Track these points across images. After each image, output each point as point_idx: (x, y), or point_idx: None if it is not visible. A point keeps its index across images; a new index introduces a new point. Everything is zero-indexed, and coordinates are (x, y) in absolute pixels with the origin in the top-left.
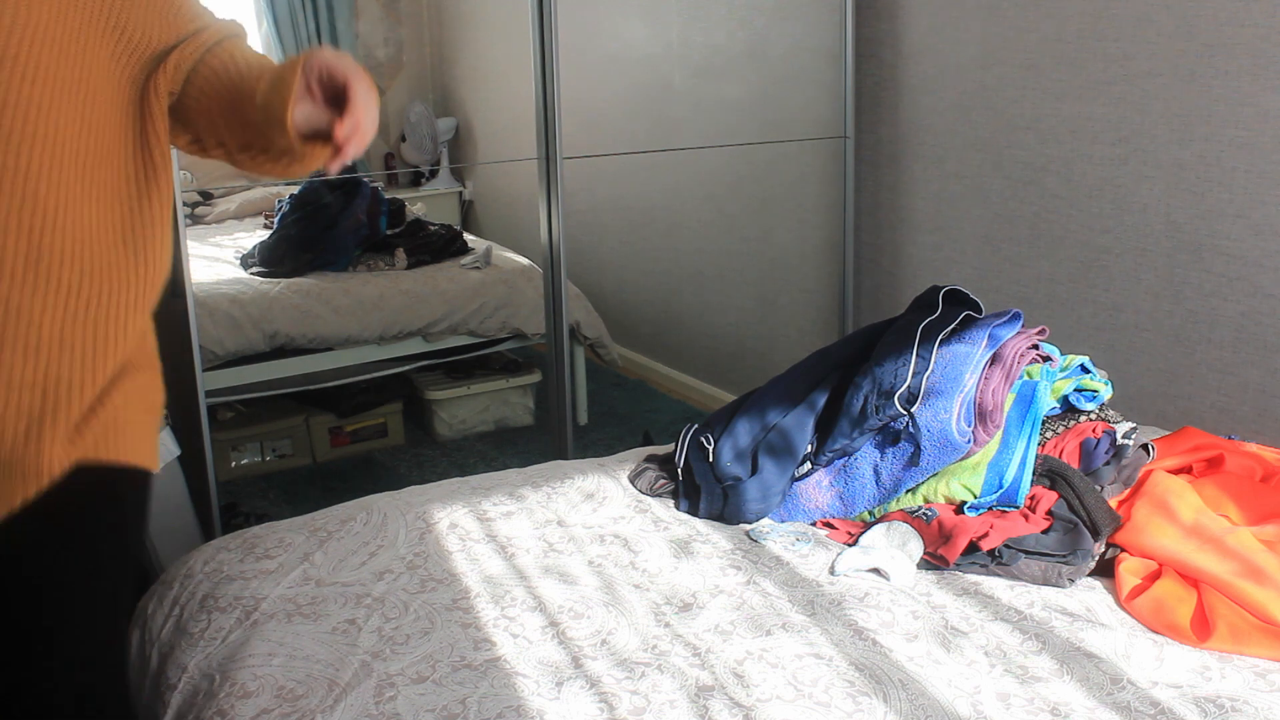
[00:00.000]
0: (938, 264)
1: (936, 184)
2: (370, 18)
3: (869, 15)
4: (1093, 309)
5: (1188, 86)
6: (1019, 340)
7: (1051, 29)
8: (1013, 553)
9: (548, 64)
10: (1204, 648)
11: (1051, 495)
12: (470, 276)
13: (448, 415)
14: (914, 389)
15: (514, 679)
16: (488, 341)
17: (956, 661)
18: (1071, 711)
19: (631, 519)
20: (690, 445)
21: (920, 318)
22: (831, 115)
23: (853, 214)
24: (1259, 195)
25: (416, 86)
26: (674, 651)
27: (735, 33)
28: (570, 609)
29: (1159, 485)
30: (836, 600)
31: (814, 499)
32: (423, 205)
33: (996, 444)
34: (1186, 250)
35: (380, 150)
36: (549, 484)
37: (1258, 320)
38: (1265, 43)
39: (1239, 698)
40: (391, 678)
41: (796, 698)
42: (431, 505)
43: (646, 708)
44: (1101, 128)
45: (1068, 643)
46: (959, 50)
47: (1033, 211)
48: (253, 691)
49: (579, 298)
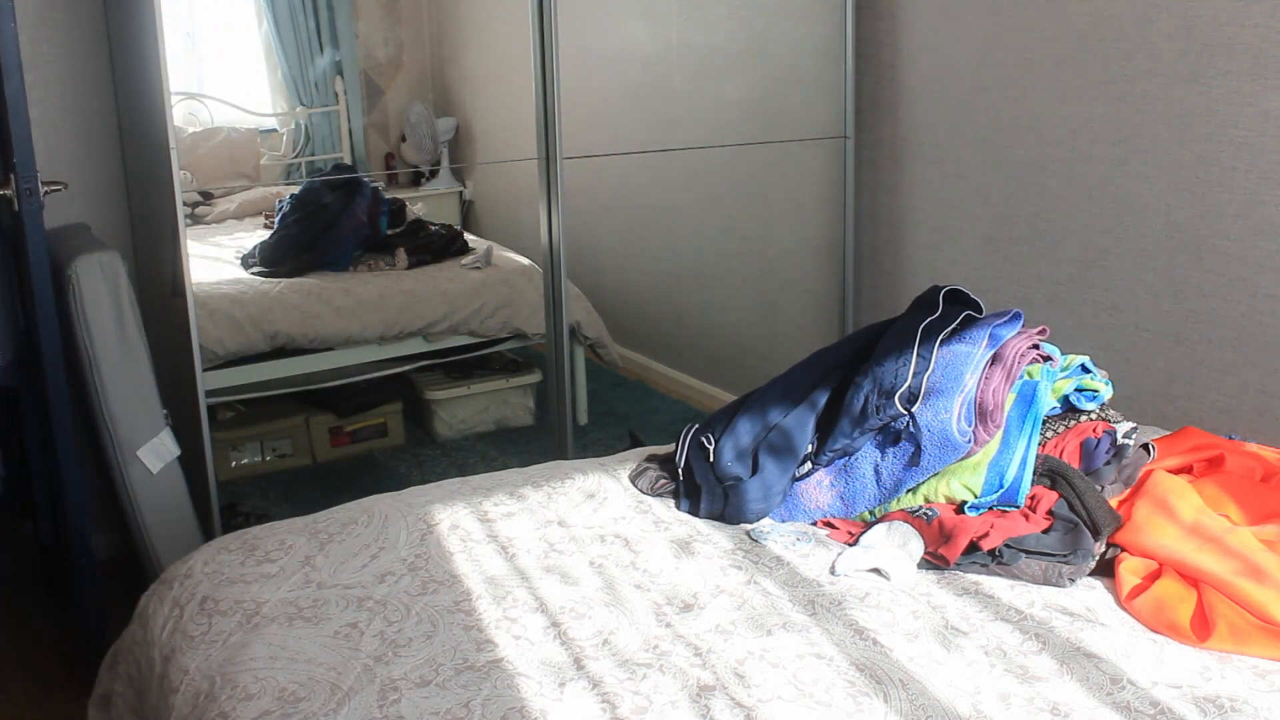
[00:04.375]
0: (938, 264)
1: (936, 184)
2: (370, 18)
3: (869, 15)
4: (1093, 309)
5: (1188, 86)
6: (1019, 340)
7: (1051, 29)
8: (1013, 552)
9: (548, 64)
10: (1204, 648)
11: (1052, 495)
12: (471, 276)
13: (448, 415)
14: (914, 389)
15: (517, 680)
16: (488, 341)
17: (957, 661)
18: (1071, 711)
19: (632, 519)
20: (691, 445)
21: (920, 318)
22: (831, 115)
23: (853, 214)
24: (1259, 195)
25: (416, 86)
26: (675, 651)
27: (735, 33)
28: (572, 609)
29: (1159, 485)
30: (837, 600)
31: (814, 499)
32: (423, 205)
33: (997, 444)
34: (1186, 250)
35: (380, 150)
36: (550, 484)
37: (1258, 320)
38: (1265, 43)
39: (1239, 698)
40: (395, 681)
41: (797, 697)
42: (432, 506)
43: (648, 708)
44: (1101, 128)
45: (1068, 642)
46: (959, 50)
47: (1033, 211)
48: (254, 694)
49: (579, 298)
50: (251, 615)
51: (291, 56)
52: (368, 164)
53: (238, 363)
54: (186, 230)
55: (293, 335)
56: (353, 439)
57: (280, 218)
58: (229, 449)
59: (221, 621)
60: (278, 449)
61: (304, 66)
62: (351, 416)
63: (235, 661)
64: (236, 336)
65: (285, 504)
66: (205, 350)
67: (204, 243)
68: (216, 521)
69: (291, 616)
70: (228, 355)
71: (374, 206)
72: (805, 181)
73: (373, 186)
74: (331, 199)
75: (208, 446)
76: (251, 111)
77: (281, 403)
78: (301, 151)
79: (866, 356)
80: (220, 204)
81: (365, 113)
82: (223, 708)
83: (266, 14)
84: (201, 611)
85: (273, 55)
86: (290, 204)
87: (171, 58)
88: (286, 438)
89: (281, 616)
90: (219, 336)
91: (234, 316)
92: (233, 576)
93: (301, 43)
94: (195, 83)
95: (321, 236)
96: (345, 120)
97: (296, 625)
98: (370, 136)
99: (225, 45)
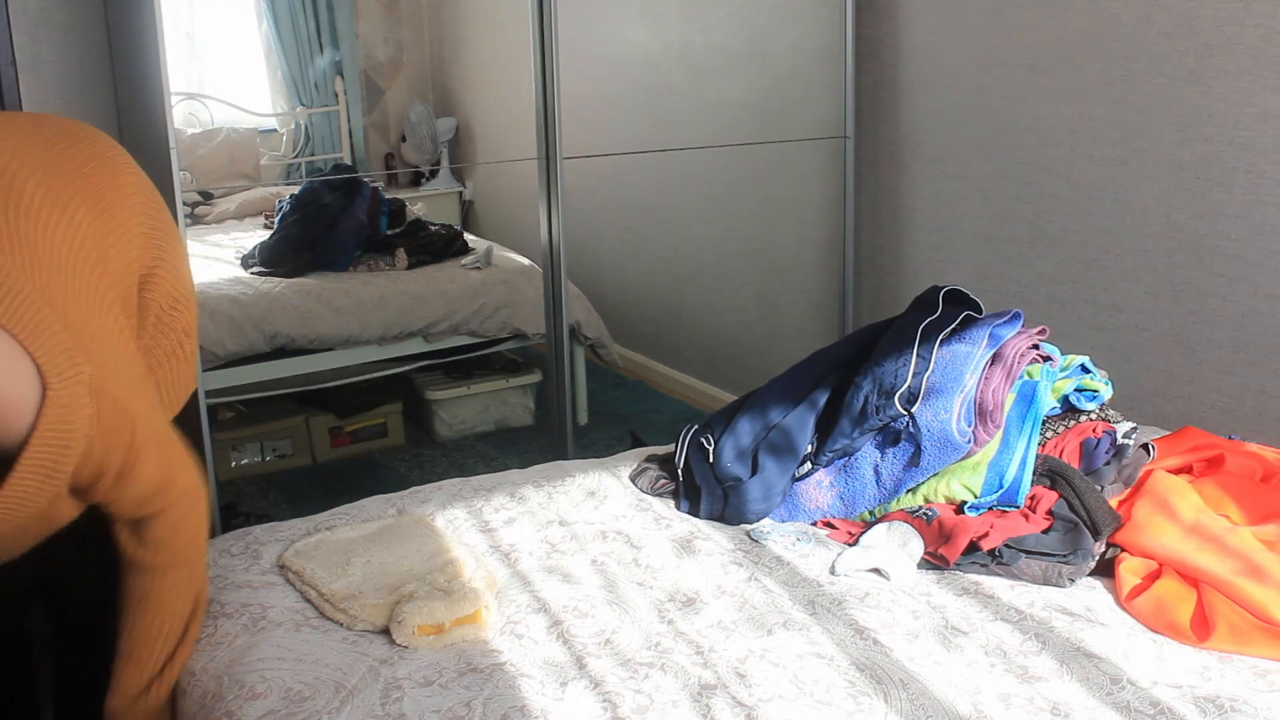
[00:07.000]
0: (938, 264)
1: (936, 184)
2: (370, 18)
3: (869, 15)
4: (1093, 309)
5: (1188, 86)
6: (1019, 340)
7: (1052, 29)
8: (1013, 552)
9: (548, 64)
10: (1204, 647)
11: (1052, 495)
12: (471, 276)
13: (448, 415)
14: (914, 389)
15: (519, 680)
16: (488, 341)
17: (957, 661)
18: (1071, 711)
19: (634, 516)
20: (690, 446)
21: (920, 317)
22: (831, 115)
23: (853, 214)
24: (1259, 195)
25: (416, 86)
26: (676, 650)
27: (735, 33)
28: (574, 608)
29: (1159, 485)
30: (837, 600)
31: (814, 499)
32: (423, 205)
33: (997, 444)
34: (1186, 250)
35: (380, 150)
36: (550, 484)
37: (1258, 320)
38: (1265, 43)
39: (1239, 698)
40: (398, 681)
41: (798, 696)
42: (434, 506)
43: (650, 706)
44: (1101, 128)
45: (1068, 642)
46: (959, 50)
47: (1033, 211)
48: (261, 693)
49: (579, 298)
50: (258, 619)
51: (291, 56)
52: (368, 164)
53: (238, 363)
54: (187, 230)
55: (293, 335)
56: (353, 439)
57: (280, 218)
58: (229, 449)
59: (228, 624)
60: (278, 449)
61: (304, 66)
62: (351, 416)
63: (242, 662)
64: (236, 337)
65: (285, 504)
66: (205, 350)
67: (204, 243)
68: (217, 522)
69: (299, 624)
70: (228, 355)
71: (374, 206)
72: (805, 181)
73: (373, 186)
74: (331, 199)
75: (208, 446)
76: (251, 111)
77: (281, 403)
78: (301, 151)
79: (866, 356)
80: (220, 204)
81: (365, 113)
82: (229, 706)
83: (266, 14)
84: (207, 615)
85: (273, 55)
86: (290, 204)
87: (171, 58)
88: (286, 438)
89: (289, 622)
90: (219, 337)
91: (234, 317)
92: (238, 581)
93: (301, 43)
94: (195, 83)
95: (321, 237)
96: (345, 120)
97: (304, 631)
98: (370, 136)
99: (225, 45)
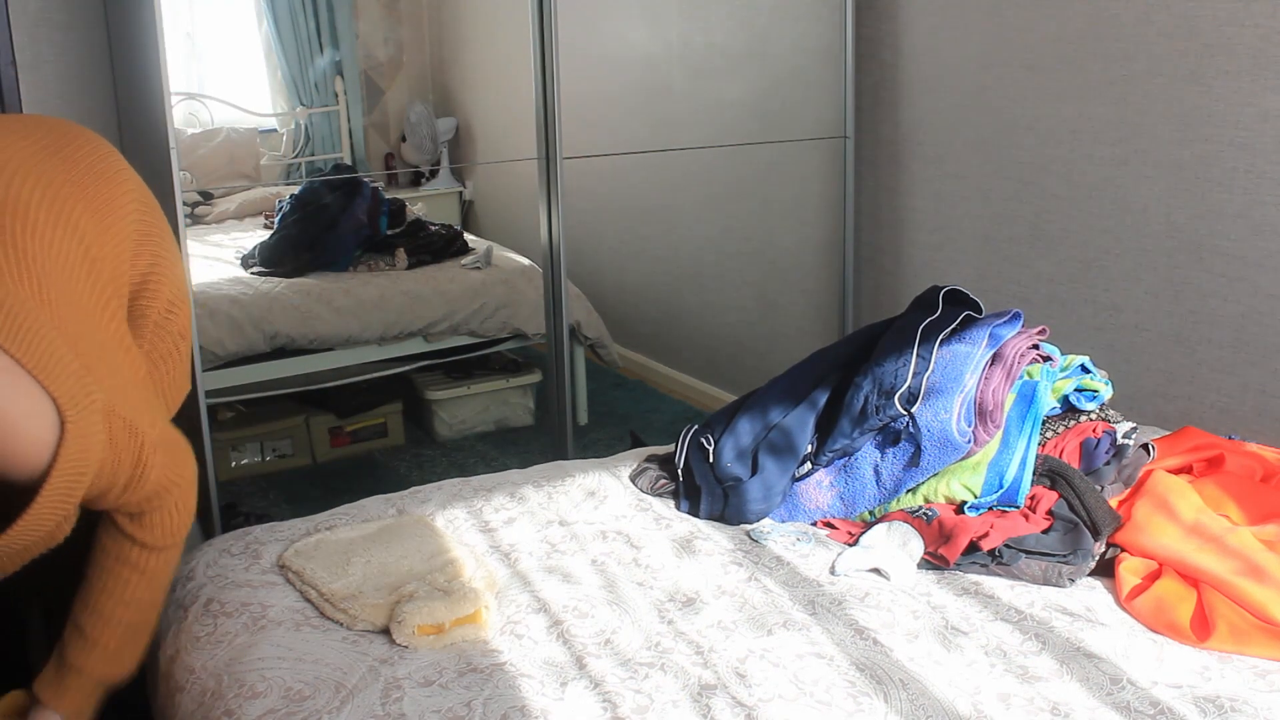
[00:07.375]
0: (938, 264)
1: (936, 184)
2: (370, 18)
3: (869, 15)
4: (1093, 309)
5: (1188, 86)
6: (1019, 340)
7: (1052, 29)
8: (1013, 552)
9: (548, 64)
10: (1204, 647)
11: (1052, 495)
12: (471, 276)
13: (448, 415)
14: (914, 389)
15: (519, 680)
16: (488, 341)
17: (957, 661)
18: (1071, 711)
19: (634, 516)
20: (690, 446)
21: (920, 318)
22: (831, 115)
23: (853, 214)
24: (1259, 195)
25: (416, 86)
26: (676, 649)
27: (735, 33)
28: (574, 608)
29: (1159, 485)
30: (837, 600)
31: (814, 499)
32: (423, 205)
33: (997, 444)
34: (1186, 250)
35: (380, 150)
36: (550, 484)
37: (1258, 320)
38: (1265, 43)
39: (1239, 698)
40: (398, 680)
41: (798, 696)
42: (434, 506)
43: (650, 706)
44: (1101, 128)
45: (1068, 642)
46: (959, 50)
47: (1033, 211)
48: (261, 692)
49: (579, 298)
50: (258, 618)
51: (291, 56)
52: (368, 164)
53: (238, 363)
54: (186, 230)
55: (293, 335)
56: (353, 439)
57: (280, 218)
58: (229, 449)
59: (228, 623)
60: (278, 449)
61: (304, 66)
62: (351, 416)
63: (242, 661)
64: (236, 337)
65: (285, 504)
66: (205, 350)
67: (204, 243)
68: (217, 522)
69: (299, 623)
70: (228, 355)
71: (374, 207)
72: (805, 181)
73: (373, 187)
74: (331, 199)
75: (208, 446)
76: (251, 111)
77: (281, 403)
78: (301, 152)
79: (866, 356)
80: (220, 204)
81: (365, 113)
82: (229, 705)
83: (266, 14)
84: (207, 613)
85: (273, 55)
86: (290, 204)
87: (171, 58)
88: (286, 438)
89: (289, 622)
90: (219, 337)
91: (234, 317)
92: (238, 580)
93: (301, 43)
94: (195, 83)
95: (321, 236)
96: (345, 120)
97: (304, 631)
98: (370, 136)
99: (225, 45)
